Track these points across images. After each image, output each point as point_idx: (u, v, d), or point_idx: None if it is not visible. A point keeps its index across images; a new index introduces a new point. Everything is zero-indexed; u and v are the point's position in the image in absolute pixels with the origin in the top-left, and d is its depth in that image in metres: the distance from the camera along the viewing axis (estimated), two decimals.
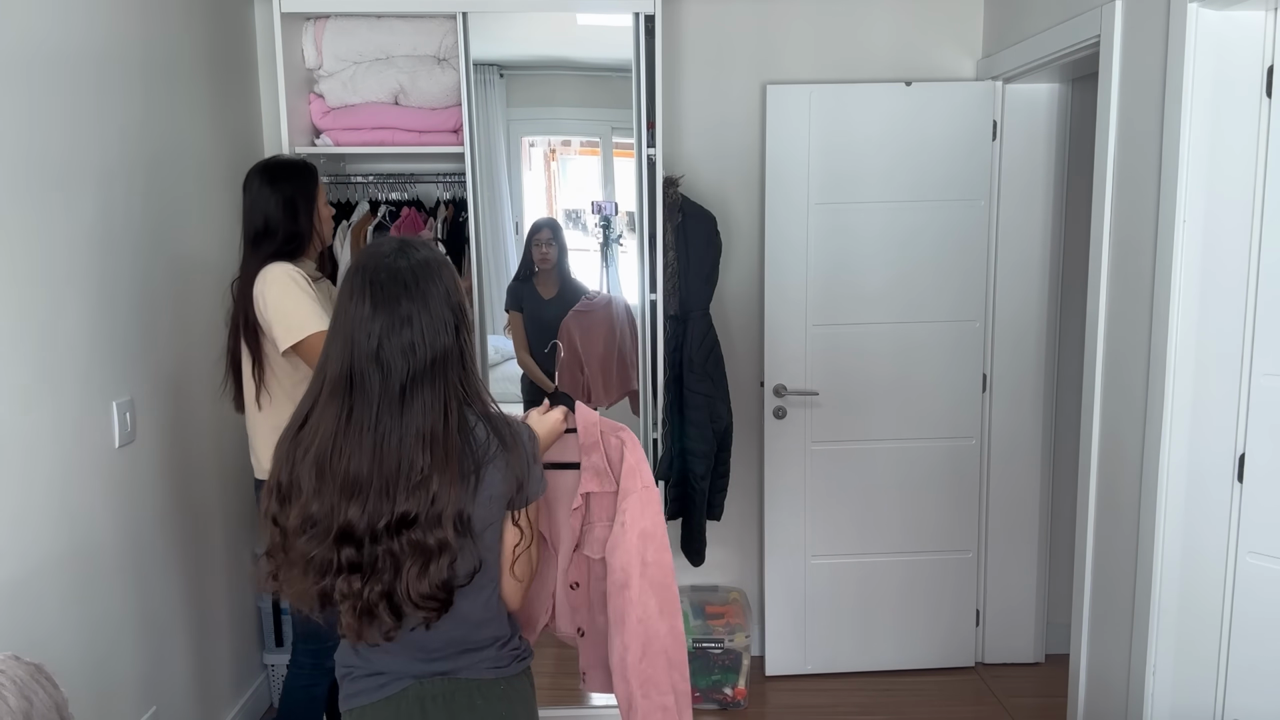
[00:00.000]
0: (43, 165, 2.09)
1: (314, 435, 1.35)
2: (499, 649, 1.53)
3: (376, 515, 1.33)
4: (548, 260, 3.01)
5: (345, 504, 1.33)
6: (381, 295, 1.33)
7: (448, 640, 1.48)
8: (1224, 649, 2.26)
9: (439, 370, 1.35)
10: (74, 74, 2.21)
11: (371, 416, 1.33)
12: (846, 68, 3.30)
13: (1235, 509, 2.21)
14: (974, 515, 3.41)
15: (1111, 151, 2.47)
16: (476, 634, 1.50)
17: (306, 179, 2.37)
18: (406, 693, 1.49)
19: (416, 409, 1.34)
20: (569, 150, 3.10)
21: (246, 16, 3.17)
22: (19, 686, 1.24)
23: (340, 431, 1.34)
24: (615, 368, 3.07)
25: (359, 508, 1.32)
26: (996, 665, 3.49)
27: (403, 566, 1.34)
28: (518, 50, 2.94)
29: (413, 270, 1.36)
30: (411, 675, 1.50)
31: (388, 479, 1.33)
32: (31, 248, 2.05)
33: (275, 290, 2.24)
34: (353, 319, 1.34)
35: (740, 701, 3.22)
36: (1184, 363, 2.22)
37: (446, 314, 1.36)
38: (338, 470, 1.33)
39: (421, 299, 1.35)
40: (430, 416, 1.34)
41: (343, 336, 1.35)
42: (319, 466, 1.34)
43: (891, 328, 3.29)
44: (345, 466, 1.33)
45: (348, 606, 1.36)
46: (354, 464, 1.33)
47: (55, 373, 2.12)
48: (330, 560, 1.34)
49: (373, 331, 1.33)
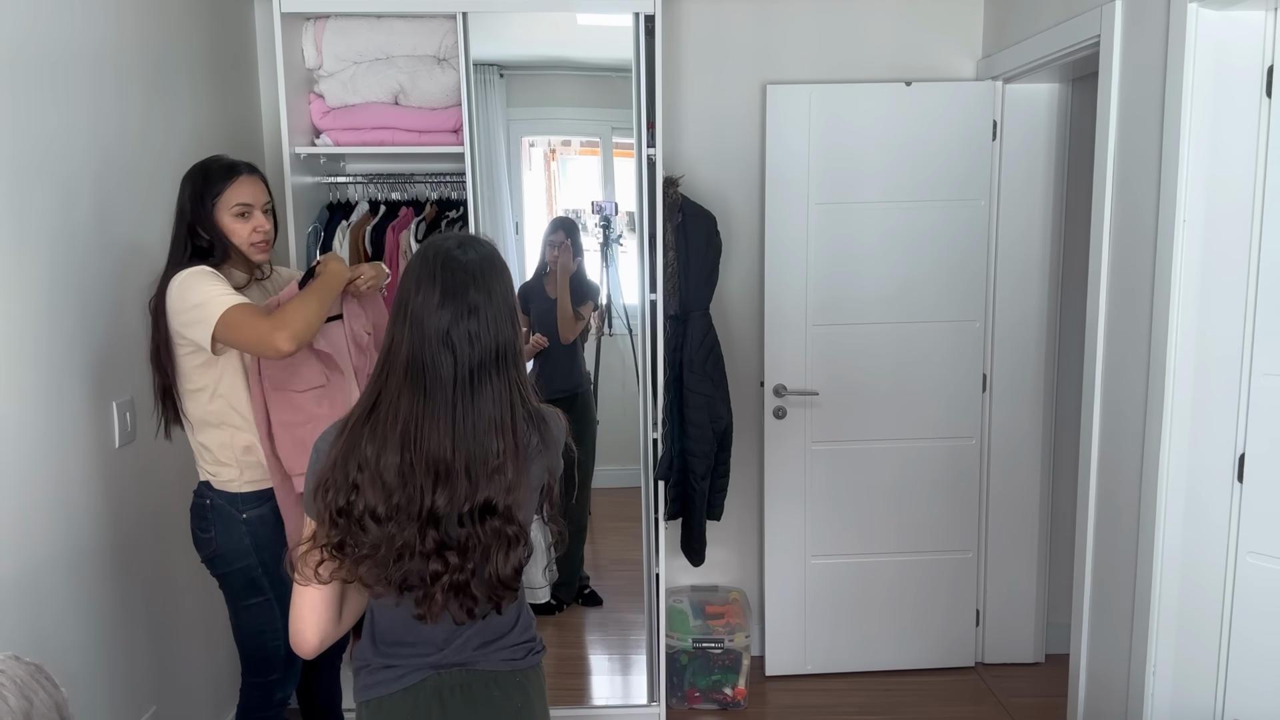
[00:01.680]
0: (43, 165, 2.09)
1: (394, 418, 1.36)
2: (515, 643, 1.56)
3: (461, 499, 1.36)
4: (558, 261, 3.01)
5: (432, 487, 1.35)
6: (450, 284, 1.36)
7: (476, 631, 1.51)
8: (1224, 649, 2.26)
9: (502, 360, 1.39)
10: (74, 74, 2.21)
11: (448, 399, 1.36)
12: (846, 68, 3.30)
13: (1235, 509, 2.21)
14: (974, 515, 3.41)
15: (1111, 151, 2.47)
16: (500, 626, 1.54)
17: (200, 180, 2.12)
18: (424, 684, 1.51)
19: (487, 396, 1.37)
20: (569, 150, 3.10)
21: (246, 16, 3.17)
22: (19, 686, 1.24)
23: (421, 414, 1.35)
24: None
25: (445, 492, 1.35)
26: (996, 665, 3.49)
27: (491, 551, 1.38)
28: (518, 50, 2.94)
29: (479, 263, 1.39)
30: (430, 667, 1.51)
31: (468, 462, 1.36)
32: (31, 248, 2.05)
33: (176, 291, 2.04)
34: (421, 307, 1.36)
35: (740, 701, 3.22)
36: (1184, 363, 2.22)
37: (506, 308, 1.40)
38: (422, 451, 1.35)
39: (486, 291, 1.38)
40: (500, 405, 1.38)
41: (411, 323, 1.37)
42: (404, 446, 1.35)
43: (891, 328, 3.29)
44: (428, 448, 1.35)
45: (440, 586, 1.38)
46: (434, 445, 1.35)
47: (55, 373, 2.12)
48: (413, 545, 1.36)
49: (442, 318, 1.35)
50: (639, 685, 3.12)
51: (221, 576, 2.24)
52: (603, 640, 3.28)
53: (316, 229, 2.92)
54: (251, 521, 2.19)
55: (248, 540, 2.18)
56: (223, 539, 2.19)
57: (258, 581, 2.21)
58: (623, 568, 3.17)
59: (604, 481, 3.27)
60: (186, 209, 2.12)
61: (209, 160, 2.17)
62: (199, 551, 2.24)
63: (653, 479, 2.96)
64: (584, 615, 3.30)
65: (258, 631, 2.25)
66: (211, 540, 2.20)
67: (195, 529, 2.23)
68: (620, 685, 3.20)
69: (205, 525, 2.20)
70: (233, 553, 2.19)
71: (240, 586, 2.22)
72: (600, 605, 3.18)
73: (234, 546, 2.18)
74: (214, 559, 2.22)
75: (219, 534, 2.19)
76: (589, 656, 3.28)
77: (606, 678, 3.23)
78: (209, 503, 2.19)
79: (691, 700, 3.22)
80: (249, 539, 2.18)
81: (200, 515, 2.21)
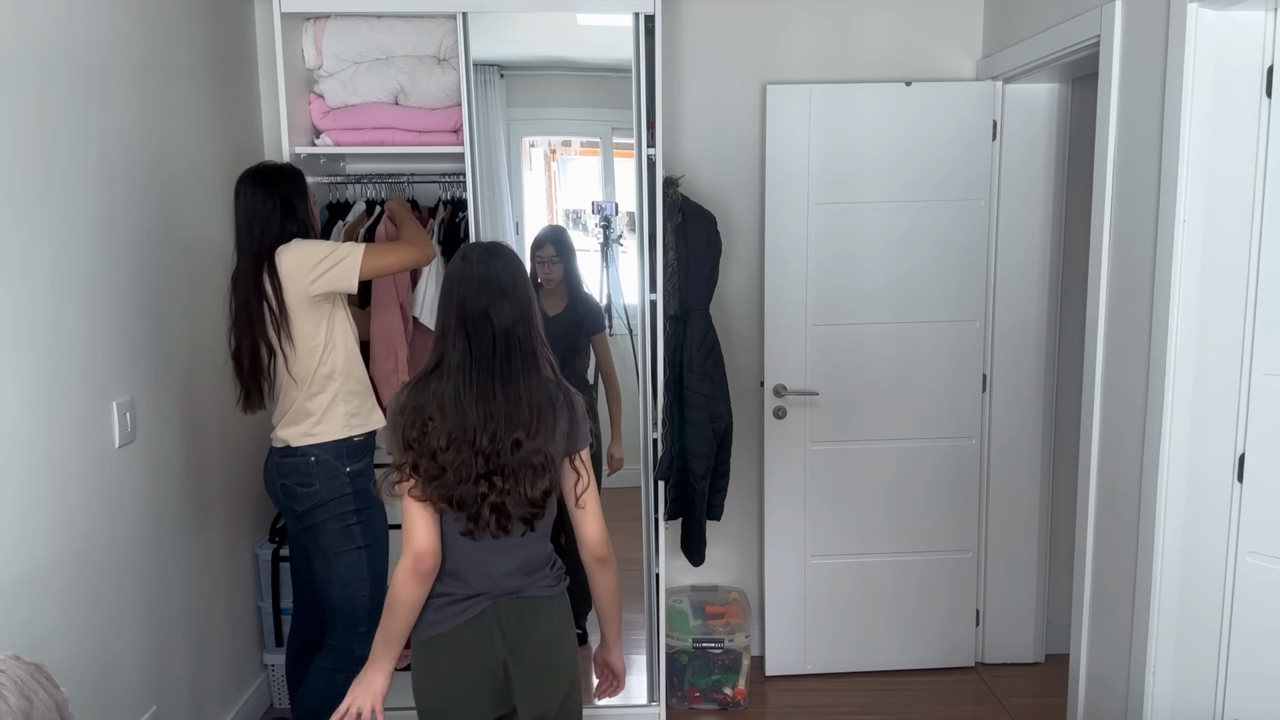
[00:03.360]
0: (43, 165, 2.09)
1: (453, 372, 1.77)
2: (550, 569, 1.93)
3: (501, 436, 1.76)
4: (551, 278, 3.00)
5: (481, 425, 1.75)
6: (484, 276, 1.80)
7: (525, 559, 1.87)
8: (1224, 649, 2.26)
9: (527, 334, 1.81)
10: (74, 74, 2.21)
11: (489, 360, 1.78)
12: (846, 68, 3.30)
13: (1235, 509, 2.21)
14: (974, 515, 3.41)
15: (1111, 151, 2.47)
16: (540, 553, 1.91)
17: (297, 180, 2.44)
18: (484, 614, 1.85)
19: (517, 358, 1.79)
20: (569, 150, 3.10)
21: (246, 16, 3.17)
22: (19, 686, 1.24)
23: (471, 369, 1.77)
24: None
25: (489, 431, 1.76)
26: (996, 665, 3.49)
27: (521, 477, 1.77)
28: (518, 50, 2.94)
29: (506, 264, 1.83)
30: (490, 596, 1.85)
31: (508, 409, 1.77)
32: (32, 248, 2.05)
33: (292, 259, 2.34)
34: (462, 294, 1.79)
35: (740, 701, 3.22)
36: (1184, 363, 2.22)
37: (526, 299, 1.83)
38: (470, 401, 1.76)
39: (511, 282, 1.81)
40: (528, 365, 1.81)
41: (455, 305, 1.79)
42: (457, 398, 1.76)
43: (892, 328, 3.29)
44: (476, 399, 1.76)
45: (486, 504, 1.76)
46: (482, 394, 1.76)
47: (56, 373, 2.12)
48: (467, 468, 1.75)
49: (480, 300, 1.78)
50: (639, 685, 3.12)
51: (318, 525, 2.43)
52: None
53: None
54: (354, 475, 2.43)
55: (349, 488, 2.42)
56: (325, 490, 2.41)
57: (351, 529, 2.43)
58: (623, 568, 3.13)
59: (604, 481, 3.27)
60: (293, 202, 2.41)
61: (276, 164, 2.48)
62: (294, 506, 2.44)
63: (653, 479, 2.96)
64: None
65: (346, 581, 2.44)
66: (315, 493, 2.41)
67: (294, 485, 2.43)
68: None
69: (307, 480, 2.41)
70: (334, 502, 2.41)
71: (335, 534, 2.42)
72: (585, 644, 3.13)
73: (336, 495, 2.41)
74: (313, 509, 2.42)
75: (322, 485, 2.41)
76: (589, 656, 3.27)
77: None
78: (314, 459, 2.41)
79: (691, 700, 3.22)
80: (350, 488, 2.42)
81: (301, 472, 2.42)
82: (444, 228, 2.91)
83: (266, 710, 3.18)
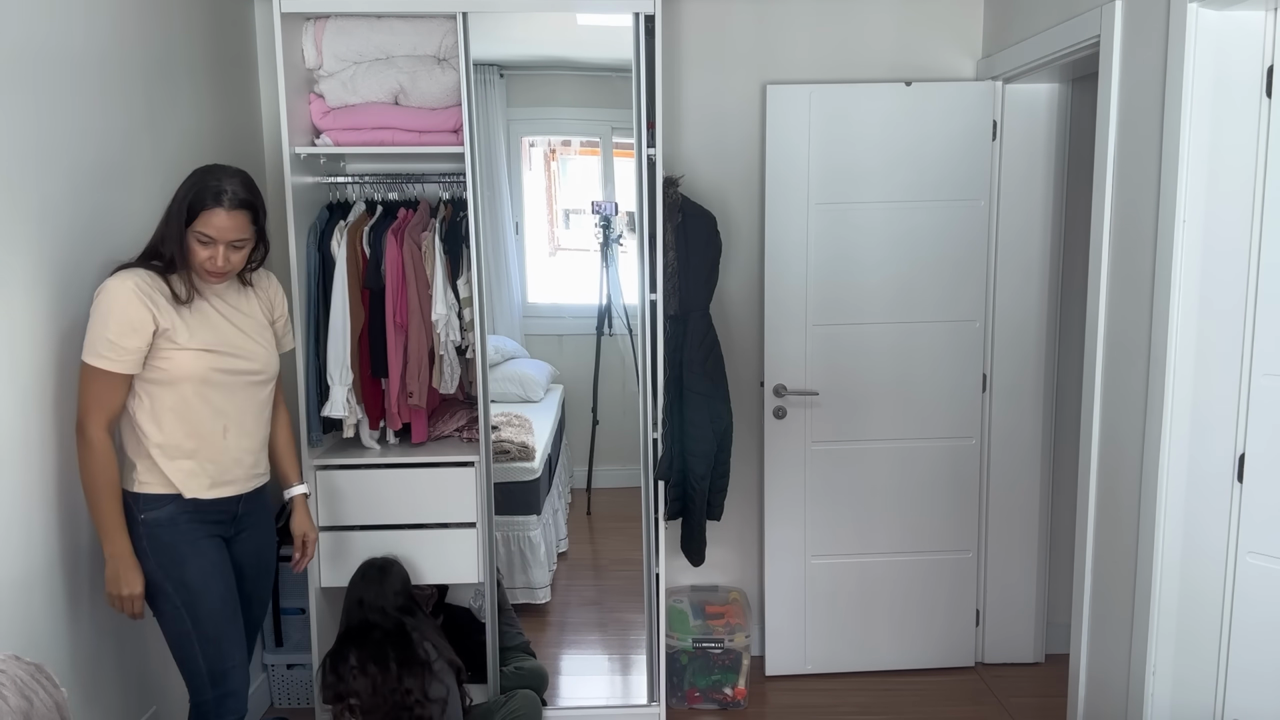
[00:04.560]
0: (43, 165, 2.09)
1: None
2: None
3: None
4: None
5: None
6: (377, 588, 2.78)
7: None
8: (1224, 649, 2.26)
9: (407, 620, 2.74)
10: (74, 74, 2.21)
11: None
12: (846, 68, 3.30)
13: (1235, 509, 2.21)
14: (974, 515, 3.41)
15: (1111, 151, 2.47)
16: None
17: (189, 191, 2.10)
18: None
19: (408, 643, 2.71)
20: (569, 150, 3.10)
21: (246, 16, 3.17)
22: (19, 686, 1.24)
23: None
24: None
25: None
26: (996, 665, 3.49)
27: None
28: (518, 50, 2.94)
29: (394, 585, 2.79)
30: None
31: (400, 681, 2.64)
32: (33, 246, 2.05)
33: (100, 294, 2.05)
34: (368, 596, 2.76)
35: (740, 701, 3.22)
36: (1184, 363, 2.22)
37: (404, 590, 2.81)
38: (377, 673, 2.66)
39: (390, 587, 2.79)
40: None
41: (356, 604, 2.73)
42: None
43: (891, 328, 3.29)
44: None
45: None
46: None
47: (56, 372, 2.12)
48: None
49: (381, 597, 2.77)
50: (639, 685, 3.12)
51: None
52: (603, 640, 3.28)
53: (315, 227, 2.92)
54: (149, 524, 2.13)
55: (144, 543, 2.13)
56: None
57: (162, 587, 2.14)
58: (623, 568, 3.17)
59: (604, 481, 3.27)
60: (171, 208, 2.12)
61: (208, 175, 2.12)
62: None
63: (653, 479, 2.96)
64: (584, 615, 3.30)
65: (175, 643, 2.19)
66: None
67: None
68: (620, 685, 3.20)
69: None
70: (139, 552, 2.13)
71: (150, 595, 2.15)
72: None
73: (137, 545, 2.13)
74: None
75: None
76: (589, 656, 3.28)
77: (606, 678, 3.23)
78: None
79: (691, 700, 3.22)
80: (145, 542, 2.13)
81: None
82: (445, 227, 2.91)
83: (267, 710, 3.19)
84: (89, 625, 2.25)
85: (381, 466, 2.89)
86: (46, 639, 2.09)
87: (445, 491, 2.89)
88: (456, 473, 2.89)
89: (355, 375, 2.83)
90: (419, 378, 2.85)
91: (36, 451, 2.06)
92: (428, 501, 2.88)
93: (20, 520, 2.01)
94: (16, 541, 2.00)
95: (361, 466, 2.88)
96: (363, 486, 2.88)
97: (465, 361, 2.96)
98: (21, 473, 2.01)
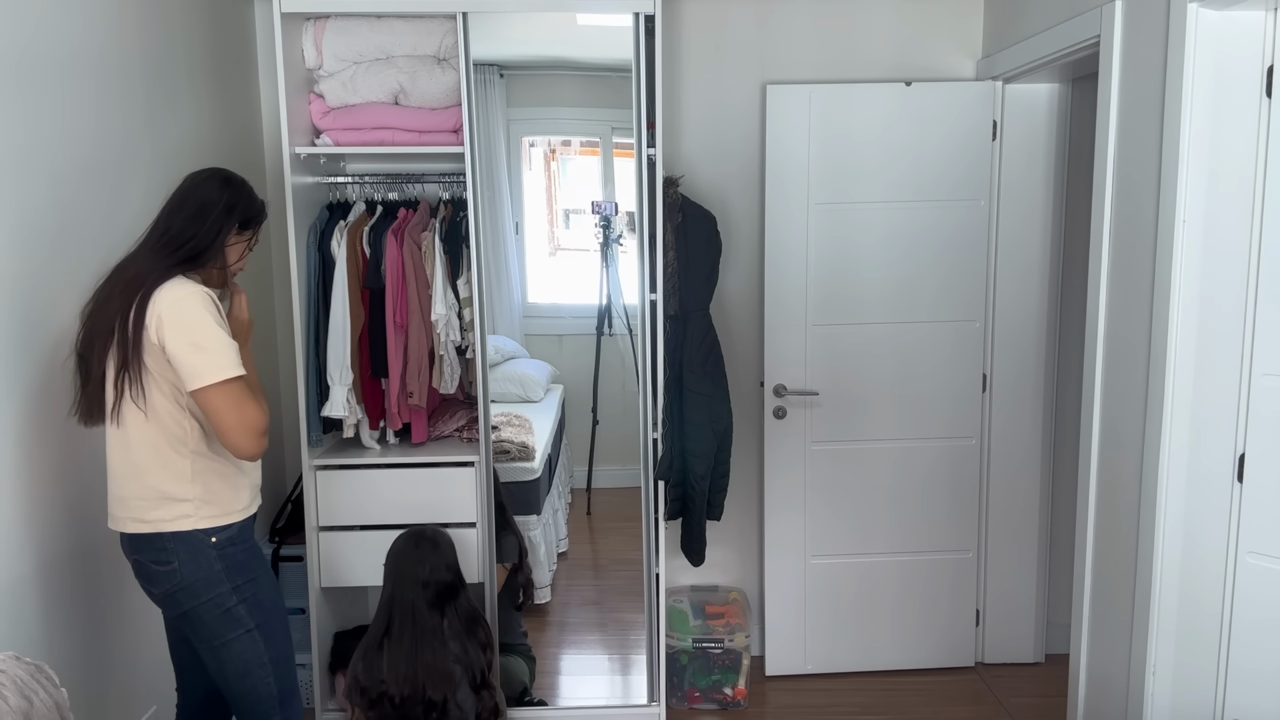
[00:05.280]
0: (44, 165, 2.09)
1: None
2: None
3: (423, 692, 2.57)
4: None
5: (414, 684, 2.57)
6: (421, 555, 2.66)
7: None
8: (1224, 649, 2.26)
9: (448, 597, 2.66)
10: (74, 74, 2.21)
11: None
12: (846, 68, 3.30)
13: (1235, 509, 2.21)
14: (974, 515, 3.41)
15: (1111, 151, 2.47)
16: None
17: (246, 205, 2.08)
18: None
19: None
20: (569, 150, 3.10)
21: (246, 16, 3.18)
22: (19, 686, 1.24)
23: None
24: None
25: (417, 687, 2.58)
26: (996, 665, 3.49)
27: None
28: (518, 50, 2.94)
29: (430, 546, 2.66)
30: None
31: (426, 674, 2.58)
32: (33, 246, 2.05)
33: (173, 312, 1.89)
34: (406, 570, 2.61)
35: (740, 701, 3.22)
36: (1184, 363, 2.22)
37: (452, 569, 2.67)
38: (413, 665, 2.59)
39: (436, 558, 2.64)
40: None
41: (398, 580, 2.61)
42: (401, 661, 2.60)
43: (891, 328, 3.30)
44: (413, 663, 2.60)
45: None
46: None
47: (57, 373, 2.12)
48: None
49: (419, 571, 2.61)
50: (639, 685, 3.12)
51: (188, 612, 2.01)
52: (603, 640, 3.28)
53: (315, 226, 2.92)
54: (220, 545, 2.01)
55: (217, 567, 2.00)
56: (189, 569, 1.98)
57: (233, 612, 2.02)
58: (623, 568, 3.17)
59: (604, 481, 3.27)
60: (214, 214, 2.01)
61: (245, 185, 2.08)
62: (152, 589, 2.03)
63: (653, 479, 2.96)
64: (584, 615, 3.30)
65: (243, 672, 2.06)
66: (174, 572, 1.98)
67: (149, 563, 2.00)
68: (620, 685, 3.20)
69: (163, 558, 1.98)
70: (201, 583, 1.99)
71: (214, 621, 2.01)
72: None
73: (202, 576, 1.99)
74: (176, 594, 2.00)
75: (182, 564, 1.98)
76: (589, 656, 3.28)
77: (606, 678, 3.23)
78: (170, 532, 1.98)
79: (691, 700, 3.22)
80: (220, 563, 2.00)
81: (156, 548, 1.98)
82: (445, 227, 2.91)
83: None
84: (88, 625, 2.25)
85: (381, 466, 2.89)
86: (46, 639, 2.09)
87: (445, 492, 2.89)
88: (457, 473, 2.89)
89: (355, 375, 2.83)
90: (419, 378, 2.85)
91: (36, 451, 2.06)
92: (428, 502, 2.88)
93: (20, 520, 2.01)
94: (17, 541, 2.00)
95: (361, 466, 2.89)
96: (363, 487, 2.88)
97: (465, 361, 2.96)
98: (21, 473, 2.01)
